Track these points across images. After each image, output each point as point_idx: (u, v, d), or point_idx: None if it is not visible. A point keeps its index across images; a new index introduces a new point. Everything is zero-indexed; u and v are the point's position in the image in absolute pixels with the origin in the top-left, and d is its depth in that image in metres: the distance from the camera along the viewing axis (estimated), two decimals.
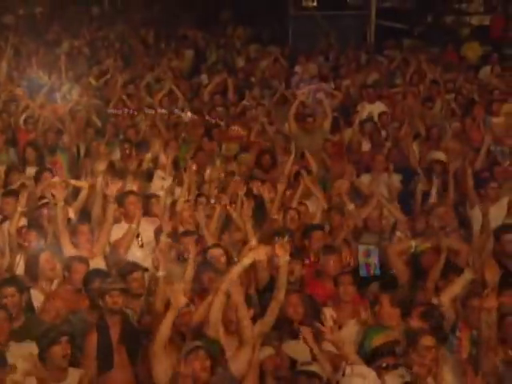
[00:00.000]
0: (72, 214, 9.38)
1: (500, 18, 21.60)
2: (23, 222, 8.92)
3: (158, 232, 8.76)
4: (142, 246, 8.99)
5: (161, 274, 7.05)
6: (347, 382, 5.79)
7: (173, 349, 6.25)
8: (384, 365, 6.18)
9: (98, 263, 8.16)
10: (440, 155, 11.13)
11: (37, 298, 7.63)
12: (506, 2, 22.01)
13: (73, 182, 10.20)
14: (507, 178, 10.55)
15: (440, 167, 10.72)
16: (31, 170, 10.96)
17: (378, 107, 13.82)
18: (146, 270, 7.71)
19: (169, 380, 6.04)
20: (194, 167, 10.24)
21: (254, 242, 8.04)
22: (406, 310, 6.91)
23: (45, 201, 9.21)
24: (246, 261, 6.82)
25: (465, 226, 9.80)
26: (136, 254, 8.72)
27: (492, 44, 19.78)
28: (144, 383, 6.63)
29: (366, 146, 12.26)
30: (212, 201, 9.74)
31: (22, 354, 6.22)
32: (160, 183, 10.61)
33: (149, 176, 11.09)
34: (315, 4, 21.71)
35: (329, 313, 7.28)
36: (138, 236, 8.95)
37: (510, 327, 6.52)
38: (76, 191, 9.98)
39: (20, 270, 8.17)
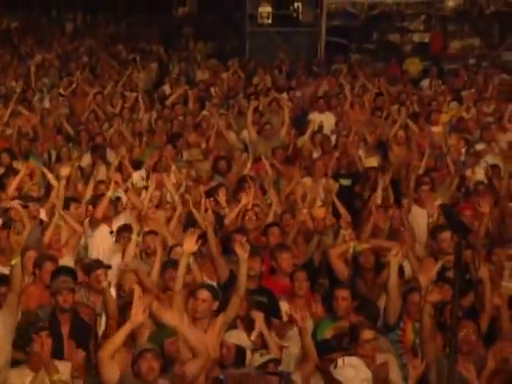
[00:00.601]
0: (43, 215, 9.30)
1: (438, 36, 21.92)
2: None
3: (121, 229, 8.70)
4: (116, 240, 8.94)
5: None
6: (339, 372, 5.73)
7: (125, 350, 6.11)
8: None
9: (68, 262, 8.11)
10: (373, 161, 11.14)
11: None
12: (444, 21, 22.34)
13: (49, 175, 10.02)
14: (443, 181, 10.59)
15: (373, 173, 10.72)
16: None
17: (327, 117, 13.86)
18: (109, 267, 7.68)
19: (118, 381, 5.79)
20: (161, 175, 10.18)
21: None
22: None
23: (15, 202, 9.10)
24: (184, 259, 6.81)
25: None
26: (109, 248, 8.76)
27: (431, 59, 20.02)
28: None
29: (316, 154, 12.28)
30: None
31: None
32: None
33: None
34: (270, 21, 21.85)
35: (285, 306, 7.30)
36: (111, 232, 8.97)
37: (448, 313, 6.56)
38: (48, 191, 9.89)
39: None
